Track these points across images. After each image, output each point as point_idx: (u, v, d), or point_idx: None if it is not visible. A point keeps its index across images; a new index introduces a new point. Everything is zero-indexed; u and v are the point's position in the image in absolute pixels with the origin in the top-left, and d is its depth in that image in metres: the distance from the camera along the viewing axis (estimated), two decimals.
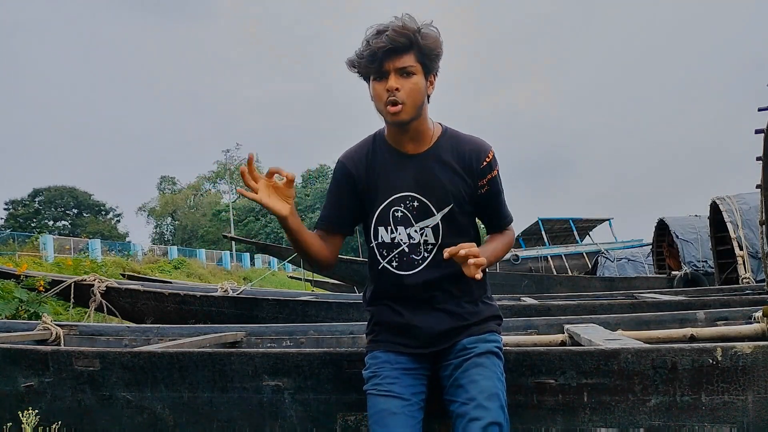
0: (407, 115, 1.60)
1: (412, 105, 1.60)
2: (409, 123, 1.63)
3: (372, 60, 1.57)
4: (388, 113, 1.60)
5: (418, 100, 1.61)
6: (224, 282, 5.14)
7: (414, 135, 1.68)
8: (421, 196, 1.68)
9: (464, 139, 1.71)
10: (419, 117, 1.64)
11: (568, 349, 1.83)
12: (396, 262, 1.70)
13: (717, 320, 2.81)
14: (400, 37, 1.54)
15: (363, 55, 1.58)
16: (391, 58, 1.56)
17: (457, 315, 1.68)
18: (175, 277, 16.82)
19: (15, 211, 43.39)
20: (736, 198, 8.36)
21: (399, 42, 1.54)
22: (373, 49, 1.55)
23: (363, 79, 1.66)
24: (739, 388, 1.68)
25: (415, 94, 1.59)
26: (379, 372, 1.65)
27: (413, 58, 1.58)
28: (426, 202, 1.68)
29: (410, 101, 1.59)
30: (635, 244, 18.40)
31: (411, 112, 1.60)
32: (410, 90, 1.58)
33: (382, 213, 1.71)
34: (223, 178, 59.37)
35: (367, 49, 1.57)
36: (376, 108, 1.64)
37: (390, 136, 1.72)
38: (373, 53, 1.56)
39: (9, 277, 5.02)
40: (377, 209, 1.71)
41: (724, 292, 5.17)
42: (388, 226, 1.70)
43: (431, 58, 1.61)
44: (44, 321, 2.97)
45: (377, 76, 1.60)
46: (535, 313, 3.61)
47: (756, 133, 4.91)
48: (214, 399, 1.96)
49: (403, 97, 1.58)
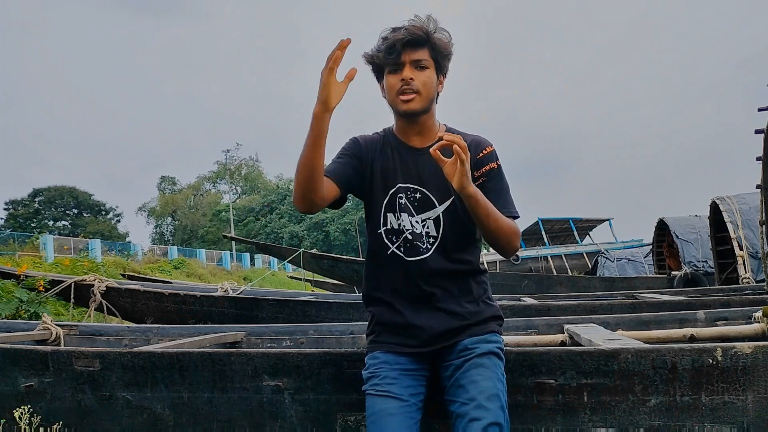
0: (419, 105, 1.67)
1: (426, 96, 1.67)
2: (419, 115, 1.69)
3: (390, 51, 1.64)
4: (401, 102, 1.66)
5: (431, 93, 1.68)
6: (224, 282, 5.14)
7: (421, 129, 1.74)
8: (423, 188, 1.73)
9: (465, 135, 1.76)
10: (428, 111, 1.72)
11: (568, 349, 1.83)
12: (403, 248, 1.73)
13: (717, 320, 2.81)
14: (418, 32, 1.64)
15: (381, 47, 1.66)
16: (407, 51, 1.64)
17: (457, 315, 1.69)
18: (175, 277, 16.80)
19: (15, 211, 43.38)
20: (736, 198, 8.37)
21: (417, 35, 1.64)
22: (391, 41, 1.64)
23: (375, 74, 1.73)
24: (739, 388, 1.68)
25: (428, 86, 1.67)
26: (377, 372, 1.65)
27: (427, 53, 1.66)
28: (428, 194, 1.72)
29: (424, 92, 1.66)
30: (635, 244, 18.40)
31: (423, 103, 1.67)
32: (424, 82, 1.66)
33: (390, 200, 1.74)
34: (223, 178, 59.37)
35: (385, 42, 1.65)
36: (389, 101, 1.71)
37: (398, 130, 1.78)
38: (391, 45, 1.64)
39: (9, 277, 5.02)
40: (386, 196, 1.75)
41: (724, 292, 5.17)
42: (395, 212, 1.74)
43: (443, 56, 1.70)
44: (44, 321, 2.97)
45: (393, 68, 1.67)
46: (535, 313, 3.61)
47: (756, 133, 4.91)
48: (214, 399, 1.96)
49: (417, 86, 1.65)
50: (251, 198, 58.30)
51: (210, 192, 61.51)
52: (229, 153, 59.51)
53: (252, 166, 62.47)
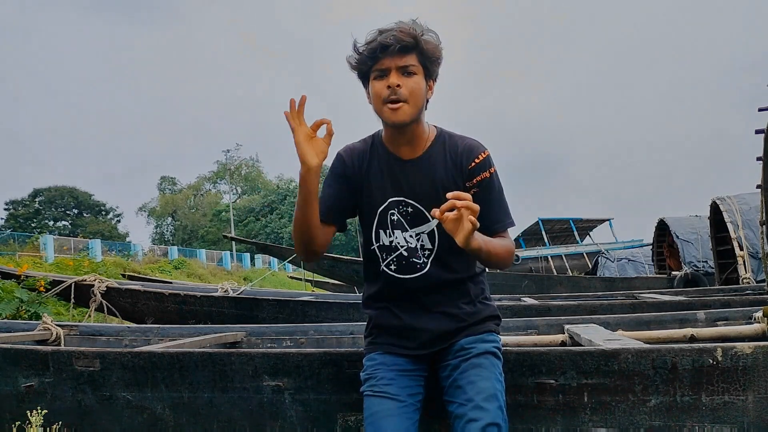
0: (407, 115, 1.58)
1: (414, 105, 1.58)
2: (408, 125, 1.61)
3: (374, 57, 1.56)
4: (388, 111, 1.57)
5: (419, 101, 1.59)
6: (224, 282, 5.14)
7: (410, 138, 1.66)
8: (414, 202, 1.67)
9: (458, 141, 1.69)
10: (418, 120, 1.63)
11: (569, 350, 1.83)
12: (395, 265, 1.69)
13: (717, 320, 2.81)
14: (405, 36, 1.54)
15: (365, 52, 1.57)
16: (393, 56, 1.55)
17: (455, 316, 1.68)
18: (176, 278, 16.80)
19: (15, 211, 43.37)
20: (737, 198, 8.37)
21: (404, 41, 1.54)
22: (376, 46, 1.54)
23: (361, 80, 1.65)
24: (740, 388, 1.68)
25: (416, 94, 1.58)
26: (375, 374, 1.64)
27: (415, 59, 1.57)
28: (420, 209, 1.67)
29: (412, 100, 1.57)
30: (635, 244, 18.42)
31: (411, 112, 1.58)
32: (412, 89, 1.57)
33: (381, 216, 1.69)
34: (223, 178, 59.38)
35: (369, 46, 1.56)
36: (375, 109, 1.62)
37: (387, 139, 1.70)
38: (374, 50, 1.55)
39: (10, 278, 5.03)
40: (377, 212, 1.70)
41: (725, 292, 5.17)
42: (387, 229, 1.69)
43: (432, 61, 1.60)
44: (44, 321, 2.97)
45: (378, 74, 1.58)
46: (535, 313, 3.61)
47: (756, 133, 4.92)
48: (214, 399, 1.96)
49: (405, 95, 1.56)
50: (251, 198, 58.30)
51: (210, 192, 61.52)
52: (229, 153, 59.54)
53: (252, 166, 62.51)
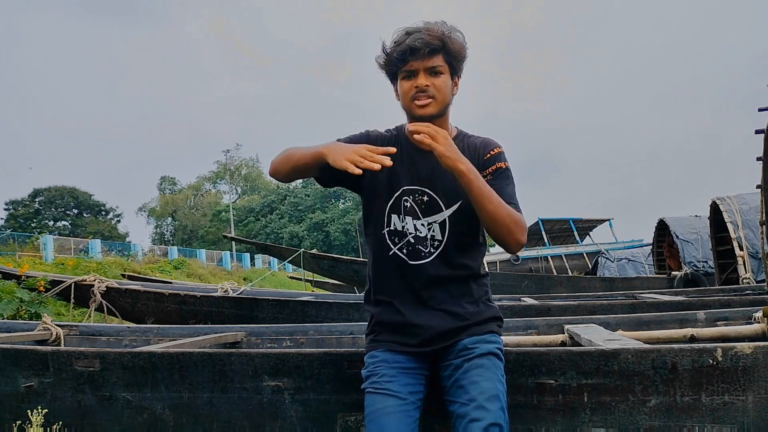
0: (434, 109, 1.66)
1: (441, 101, 1.67)
2: (434, 119, 1.67)
3: (403, 59, 1.63)
4: (416, 107, 1.66)
5: (446, 98, 1.68)
6: (224, 282, 5.14)
7: None
8: (431, 191, 1.71)
9: (476, 139, 1.77)
10: (443, 116, 1.71)
11: (569, 350, 1.83)
12: (406, 250, 1.72)
13: (717, 320, 2.81)
14: (433, 39, 1.62)
15: (394, 54, 1.64)
16: (421, 58, 1.63)
17: (458, 315, 1.68)
18: (176, 278, 16.80)
19: (15, 211, 43.34)
20: (737, 198, 8.37)
21: (432, 44, 1.62)
22: (405, 49, 1.62)
23: (389, 78, 1.73)
24: (740, 388, 1.68)
25: (443, 91, 1.66)
26: (376, 371, 1.65)
27: (442, 59, 1.65)
28: (435, 198, 1.71)
29: (440, 96, 1.66)
30: (635, 244, 18.40)
31: (438, 108, 1.67)
32: (439, 87, 1.66)
33: (395, 201, 1.73)
34: (223, 178, 59.40)
35: (398, 48, 1.63)
36: (403, 105, 1.71)
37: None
38: (403, 53, 1.62)
39: (10, 278, 5.04)
40: (392, 198, 1.73)
41: (725, 292, 5.17)
42: (399, 214, 1.73)
43: (458, 59, 1.69)
44: (44, 321, 2.97)
45: (407, 74, 1.66)
46: (535, 313, 3.62)
47: (756, 133, 4.92)
48: (214, 399, 1.96)
49: (432, 93, 1.65)
50: (251, 198, 58.31)
51: (210, 192, 61.53)
52: (229, 153, 59.64)
53: (252, 167, 62.50)
